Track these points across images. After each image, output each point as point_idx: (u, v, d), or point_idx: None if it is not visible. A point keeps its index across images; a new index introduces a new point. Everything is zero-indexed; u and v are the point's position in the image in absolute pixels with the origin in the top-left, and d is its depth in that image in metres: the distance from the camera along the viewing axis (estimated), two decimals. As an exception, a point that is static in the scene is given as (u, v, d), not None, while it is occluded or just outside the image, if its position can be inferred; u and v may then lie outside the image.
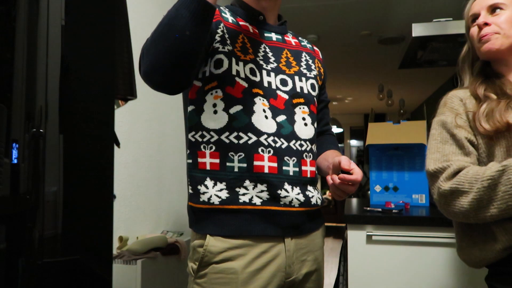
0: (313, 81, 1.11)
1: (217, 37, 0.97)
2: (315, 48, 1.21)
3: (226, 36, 0.98)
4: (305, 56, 1.12)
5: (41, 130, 0.78)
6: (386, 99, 6.30)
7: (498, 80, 1.12)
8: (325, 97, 1.22)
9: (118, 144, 1.32)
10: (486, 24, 1.11)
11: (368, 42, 4.77)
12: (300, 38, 1.17)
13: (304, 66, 1.09)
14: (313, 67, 1.13)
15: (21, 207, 0.77)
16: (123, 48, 1.36)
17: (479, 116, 1.05)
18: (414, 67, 2.62)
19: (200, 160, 0.98)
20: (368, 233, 1.59)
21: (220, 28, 0.98)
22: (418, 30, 2.08)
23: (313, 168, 1.06)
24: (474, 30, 1.15)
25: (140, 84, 1.18)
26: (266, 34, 1.07)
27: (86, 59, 0.91)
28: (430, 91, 7.45)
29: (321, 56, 1.21)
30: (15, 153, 0.73)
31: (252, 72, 0.99)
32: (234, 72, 0.97)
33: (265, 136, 0.97)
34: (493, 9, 1.12)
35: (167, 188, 2.26)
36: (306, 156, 1.04)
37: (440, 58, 2.47)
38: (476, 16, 1.15)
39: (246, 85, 0.97)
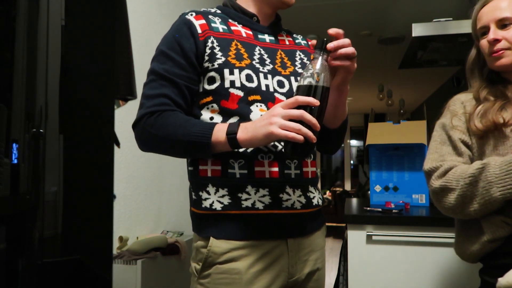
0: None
1: (206, 57, 0.97)
2: (310, 43, 1.19)
3: (217, 50, 0.97)
4: (299, 55, 1.10)
5: (41, 130, 0.78)
6: (386, 99, 6.29)
7: (502, 85, 1.14)
8: None
9: (118, 144, 1.32)
10: (496, 40, 1.09)
11: (368, 42, 4.77)
12: (294, 35, 1.16)
13: (299, 66, 1.08)
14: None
15: (21, 207, 0.77)
16: (123, 48, 1.36)
17: (474, 117, 1.09)
18: (414, 67, 2.62)
19: (201, 167, 0.99)
20: (368, 233, 1.59)
21: (208, 46, 0.97)
22: (418, 30, 2.08)
23: (314, 169, 1.06)
24: (484, 42, 1.14)
25: (140, 84, 1.18)
26: (259, 36, 1.05)
27: (86, 59, 0.91)
28: (430, 91, 7.45)
29: None
30: (15, 153, 0.73)
31: (249, 78, 0.98)
32: (227, 85, 0.96)
33: None
34: (503, 24, 1.10)
35: (167, 188, 2.26)
36: None
37: (440, 58, 2.47)
38: (485, 30, 1.13)
39: (241, 94, 0.96)
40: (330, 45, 0.88)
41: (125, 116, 1.77)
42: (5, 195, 0.71)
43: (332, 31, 0.89)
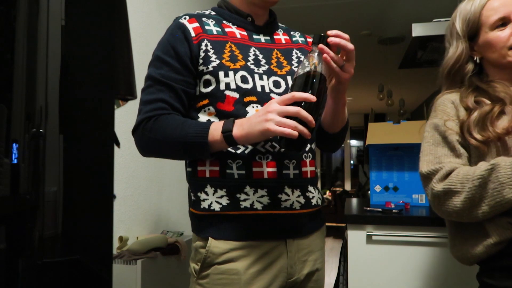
0: None
1: (200, 60, 0.98)
2: (309, 40, 1.17)
3: (211, 52, 0.98)
4: (296, 54, 1.09)
5: (41, 130, 0.78)
6: (386, 99, 6.29)
7: (488, 87, 1.10)
8: None
9: (118, 144, 1.32)
10: None
11: (368, 42, 4.78)
12: (292, 33, 1.15)
13: (296, 65, 1.07)
14: None
15: (21, 207, 0.77)
16: (123, 48, 1.36)
17: (470, 125, 1.05)
18: (414, 67, 2.62)
19: (199, 168, 0.99)
20: (368, 233, 1.59)
21: (202, 49, 0.98)
22: (418, 30, 2.08)
23: (313, 168, 1.06)
24: (502, 34, 1.09)
25: (140, 84, 1.18)
26: (254, 36, 1.05)
27: (86, 59, 0.91)
28: (430, 91, 7.45)
29: None
30: (15, 153, 0.73)
31: (244, 79, 0.98)
32: (223, 87, 0.96)
33: (262, 143, 0.97)
34: None
35: (167, 188, 2.26)
36: (305, 157, 1.03)
37: (440, 58, 2.46)
38: (503, 21, 1.09)
39: (237, 96, 0.97)
40: (332, 39, 0.88)
41: (125, 116, 1.77)
42: (5, 195, 0.71)
43: (332, 33, 0.90)
